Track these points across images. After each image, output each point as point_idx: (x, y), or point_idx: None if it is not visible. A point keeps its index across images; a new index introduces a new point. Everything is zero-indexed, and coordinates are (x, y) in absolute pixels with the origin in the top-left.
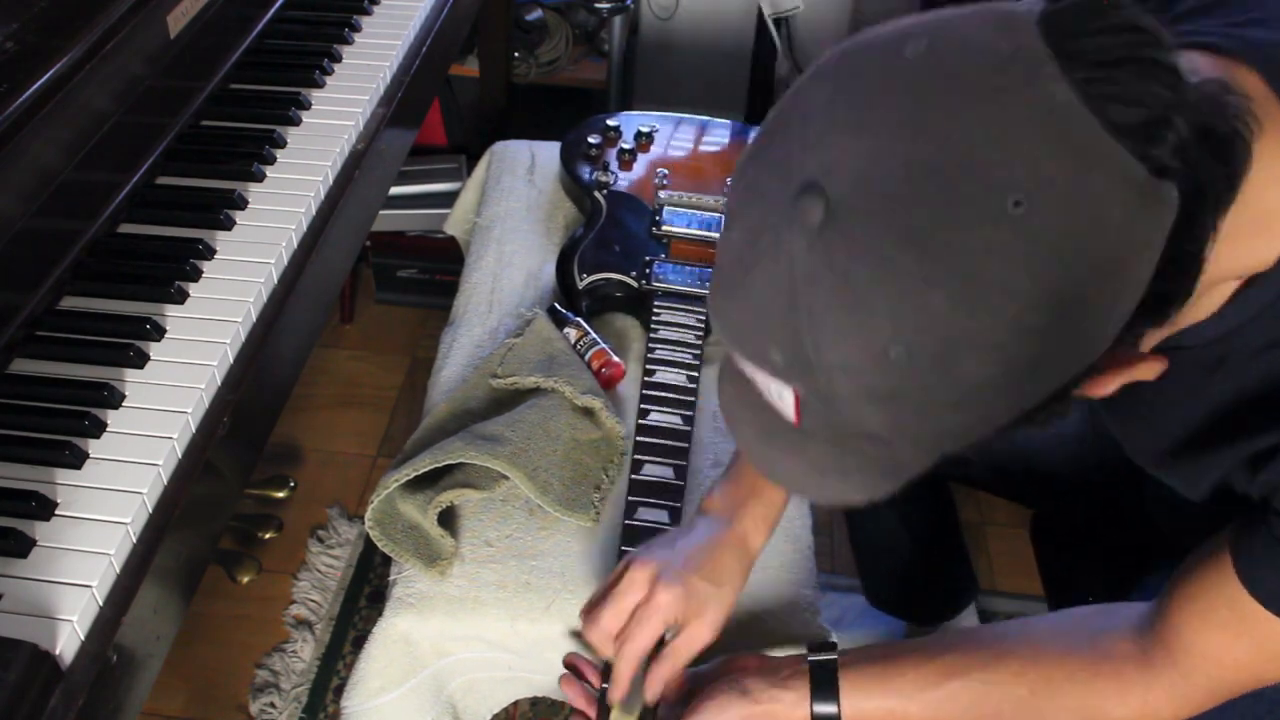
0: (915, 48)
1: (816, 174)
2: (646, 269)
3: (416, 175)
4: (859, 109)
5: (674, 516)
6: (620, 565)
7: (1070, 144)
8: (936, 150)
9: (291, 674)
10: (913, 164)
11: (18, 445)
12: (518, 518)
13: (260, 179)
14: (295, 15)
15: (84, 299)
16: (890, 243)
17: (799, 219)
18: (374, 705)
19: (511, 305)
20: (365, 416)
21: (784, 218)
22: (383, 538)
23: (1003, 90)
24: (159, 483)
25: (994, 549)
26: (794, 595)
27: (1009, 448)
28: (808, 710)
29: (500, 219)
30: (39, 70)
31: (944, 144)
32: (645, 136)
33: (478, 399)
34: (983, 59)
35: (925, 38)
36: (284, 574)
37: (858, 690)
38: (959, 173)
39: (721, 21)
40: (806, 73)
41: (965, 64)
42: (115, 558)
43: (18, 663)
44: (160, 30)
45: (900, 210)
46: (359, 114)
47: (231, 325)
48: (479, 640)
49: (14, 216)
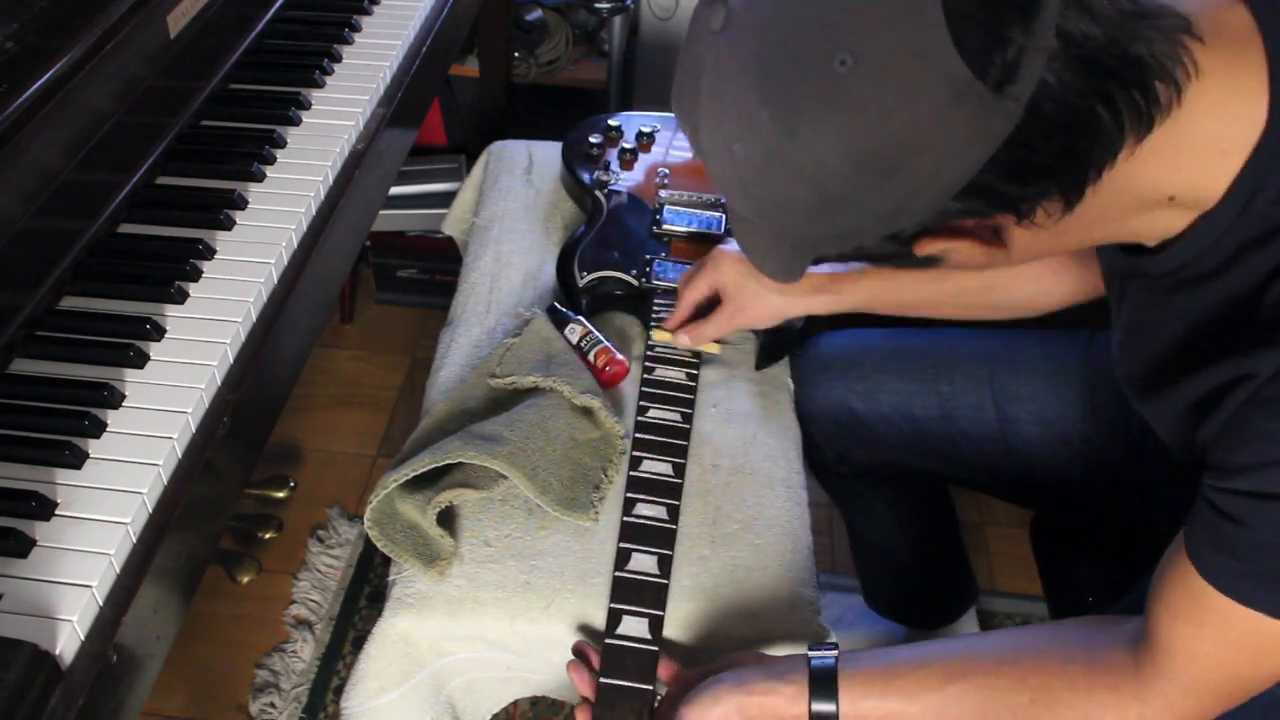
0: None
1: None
2: (647, 268)
3: (416, 175)
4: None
5: (672, 513)
6: (715, 250)
7: (909, 30)
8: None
9: (291, 674)
10: (787, 2)
11: (18, 445)
12: (517, 518)
13: (260, 179)
14: (295, 15)
15: (84, 299)
16: (748, 60)
17: (708, 20)
18: (374, 705)
19: (510, 305)
20: (365, 416)
21: (704, 16)
22: (381, 538)
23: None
24: (159, 483)
25: (994, 549)
26: (794, 595)
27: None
28: (805, 707)
29: (498, 219)
30: (39, 70)
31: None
32: (646, 136)
33: (476, 399)
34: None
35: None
36: (284, 574)
37: (857, 690)
38: (811, 23)
39: None
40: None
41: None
42: (115, 558)
43: (18, 663)
44: (160, 30)
45: (763, 36)
46: (359, 114)
47: (231, 325)
48: (478, 640)
49: (14, 216)
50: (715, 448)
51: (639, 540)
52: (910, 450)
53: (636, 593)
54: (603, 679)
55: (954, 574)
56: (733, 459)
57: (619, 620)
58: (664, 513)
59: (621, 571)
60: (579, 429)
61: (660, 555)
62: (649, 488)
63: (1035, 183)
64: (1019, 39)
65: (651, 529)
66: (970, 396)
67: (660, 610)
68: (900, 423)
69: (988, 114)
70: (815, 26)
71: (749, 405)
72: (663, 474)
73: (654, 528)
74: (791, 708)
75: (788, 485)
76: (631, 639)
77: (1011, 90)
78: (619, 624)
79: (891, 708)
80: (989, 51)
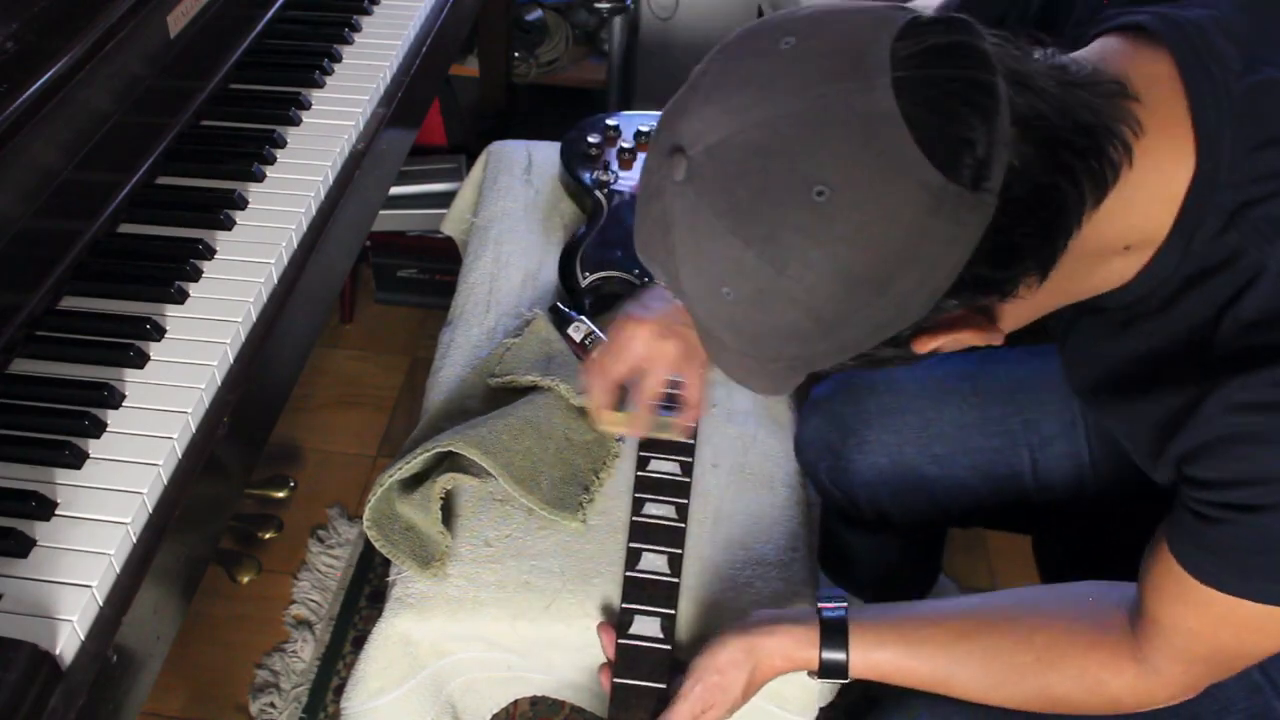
0: (788, 43)
1: (685, 139)
2: None
3: (416, 175)
4: (727, 90)
5: (680, 512)
6: (618, 319)
7: (878, 149)
8: (768, 138)
9: (291, 674)
10: (749, 145)
11: (18, 445)
12: (517, 518)
13: (260, 179)
14: (295, 15)
15: (84, 299)
16: (723, 206)
17: (669, 172)
18: (374, 705)
19: (509, 305)
20: (365, 416)
21: (663, 167)
22: (380, 538)
23: (833, 96)
24: (159, 483)
25: (994, 549)
26: (794, 595)
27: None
28: (815, 652)
29: (497, 219)
30: (39, 70)
31: (775, 133)
32: (645, 136)
33: (475, 399)
34: (830, 64)
35: (799, 35)
36: (284, 574)
37: (868, 641)
38: (778, 159)
39: (721, 21)
40: (723, 40)
41: (815, 67)
42: (115, 558)
43: (18, 663)
44: (160, 30)
45: (732, 182)
46: (359, 114)
47: (231, 325)
48: (479, 640)
49: (14, 216)
50: (715, 448)
51: (649, 540)
52: (912, 502)
53: (648, 592)
54: (616, 679)
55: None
56: (733, 459)
57: (631, 620)
58: (673, 512)
59: (633, 571)
60: (574, 430)
61: (670, 554)
62: (657, 487)
63: (1015, 263)
64: (984, 136)
65: (661, 528)
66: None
67: (672, 609)
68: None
69: (968, 211)
70: (785, 164)
71: (749, 405)
72: (671, 473)
73: (664, 527)
74: (799, 651)
75: (788, 485)
76: (644, 639)
77: (987, 185)
78: (631, 624)
79: (900, 662)
80: (959, 154)
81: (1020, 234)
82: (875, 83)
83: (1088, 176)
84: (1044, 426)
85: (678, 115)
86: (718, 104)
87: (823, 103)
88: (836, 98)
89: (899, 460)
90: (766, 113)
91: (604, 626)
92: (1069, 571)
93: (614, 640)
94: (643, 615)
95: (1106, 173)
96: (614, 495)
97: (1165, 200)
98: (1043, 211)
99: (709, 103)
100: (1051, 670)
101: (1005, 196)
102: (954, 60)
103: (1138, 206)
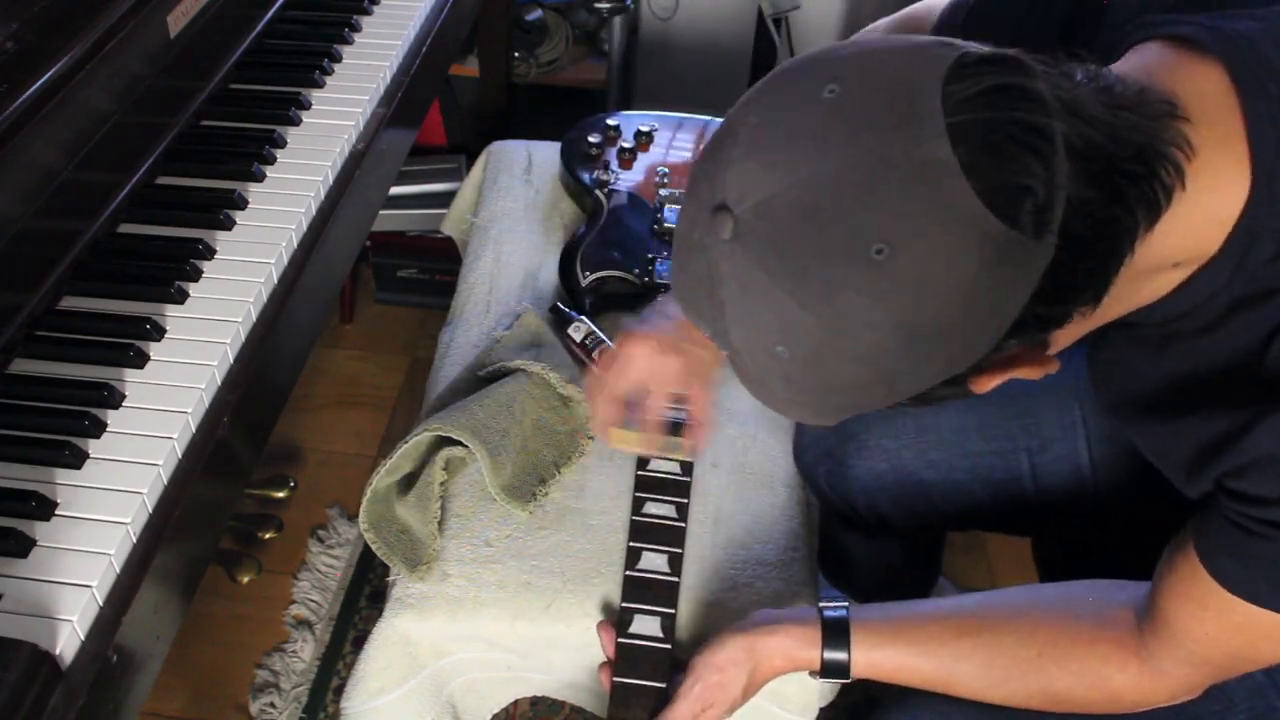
0: (831, 91)
1: (730, 196)
2: (649, 267)
3: (416, 175)
4: (771, 143)
5: (680, 511)
6: (621, 336)
7: (937, 201)
8: (820, 195)
9: (291, 674)
10: (800, 204)
11: (18, 445)
12: (518, 518)
13: (260, 179)
14: (295, 15)
15: (84, 299)
16: (774, 267)
17: (715, 230)
18: (374, 705)
19: (509, 305)
20: (365, 416)
21: (707, 224)
22: (377, 540)
23: (885, 148)
24: (159, 483)
25: (993, 551)
26: (794, 595)
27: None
28: (816, 652)
29: (497, 219)
30: (39, 70)
31: (828, 191)
32: (645, 136)
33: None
34: (879, 113)
35: (842, 81)
36: (284, 574)
37: (869, 640)
38: (833, 219)
39: (721, 21)
40: (758, 84)
41: (863, 116)
42: (115, 558)
43: (18, 663)
44: (160, 30)
45: (784, 242)
46: (359, 114)
47: (231, 325)
48: (479, 640)
49: (14, 216)
50: (715, 448)
51: (649, 539)
52: (910, 507)
53: (648, 591)
54: (616, 678)
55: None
56: (733, 459)
57: (631, 619)
58: (673, 511)
59: (633, 570)
60: (549, 419)
61: (670, 554)
62: (657, 486)
63: (1075, 297)
64: (1043, 180)
65: (661, 527)
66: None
67: (672, 608)
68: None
69: (1030, 256)
70: (842, 223)
71: (749, 405)
72: (671, 473)
73: (664, 526)
74: (801, 650)
75: (788, 485)
76: (644, 638)
77: (1049, 228)
78: (631, 623)
79: (902, 660)
80: (1019, 202)
81: (1081, 270)
82: (928, 131)
83: (1141, 203)
84: (1043, 430)
85: (718, 168)
86: (762, 158)
87: (875, 156)
88: (889, 149)
89: (897, 465)
90: (816, 169)
91: (604, 625)
92: (1069, 573)
93: (614, 639)
94: (643, 614)
95: (1159, 197)
96: (614, 495)
97: (1218, 221)
98: (1100, 245)
99: (751, 157)
100: (1054, 665)
101: (1064, 234)
102: (1008, 103)
103: (1190, 227)
